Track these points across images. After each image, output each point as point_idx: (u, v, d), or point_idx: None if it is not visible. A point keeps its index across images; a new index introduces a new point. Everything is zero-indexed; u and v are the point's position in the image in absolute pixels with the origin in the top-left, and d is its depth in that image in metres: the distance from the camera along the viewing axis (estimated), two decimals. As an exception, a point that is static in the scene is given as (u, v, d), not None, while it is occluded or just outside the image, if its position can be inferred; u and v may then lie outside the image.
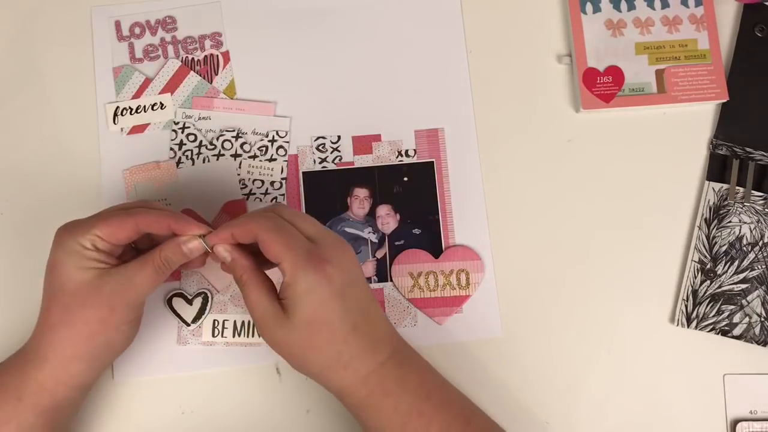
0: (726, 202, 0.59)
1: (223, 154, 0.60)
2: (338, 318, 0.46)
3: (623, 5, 0.62)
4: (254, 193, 0.60)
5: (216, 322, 0.58)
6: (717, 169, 0.60)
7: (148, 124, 0.61)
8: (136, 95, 0.61)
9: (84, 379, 0.49)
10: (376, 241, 0.59)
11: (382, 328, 0.49)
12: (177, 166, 0.60)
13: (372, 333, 0.48)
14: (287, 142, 0.61)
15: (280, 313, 0.46)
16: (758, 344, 0.57)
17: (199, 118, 0.61)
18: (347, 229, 0.60)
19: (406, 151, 0.61)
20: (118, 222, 0.48)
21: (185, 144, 0.60)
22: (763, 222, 0.59)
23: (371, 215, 0.60)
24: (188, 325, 0.57)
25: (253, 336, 0.57)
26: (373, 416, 0.48)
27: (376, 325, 0.48)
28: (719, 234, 0.58)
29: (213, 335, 0.58)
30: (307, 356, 0.47)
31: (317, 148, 0.61)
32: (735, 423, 0.56)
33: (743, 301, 0.58)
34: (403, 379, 0.48)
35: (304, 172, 0.60)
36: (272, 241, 0.46)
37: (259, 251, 0.48)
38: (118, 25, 0.62)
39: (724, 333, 0.57)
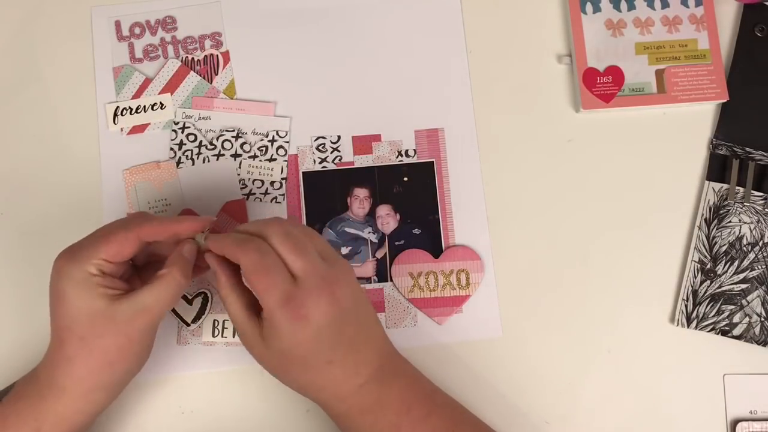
0: (726, 202, 0.59)
1: (223, 154, 0.60)
2: (312, 356, 0.46)
3: (623, 5, 0.62)
4: (254, 193, 0.60)
5: (216, 322, 0.58)
6: (717, 169, 0.60)
7: (148, 124, 0.61)
8: (136, 95, 0.61)
9: (101, 406, 0.49)
10: (376, 241, 0.59)
11: (368, 349, 0.48)
12: (177, 166, 0.60)
13: (353, 360, 0.47)
14: (287, 142, 0.61)
15: (257, 332, 0.47)
16: (758, 344, 0.57)
17: (199, 118, 0.61)
18: (347, 229, 0.60)
19: (406, 151, 0.61)
20: (122, 239, 0.47)
21: (185, 144, 0.60)
22: (763, 222, 0.59)
23: (371, 215, 0.60)
24: (188, 325, 0.57)
25: (253, 336, 0.57)
26: (351, 427, 0.49)
27: (359, 350, 0.48)
28: (719, 234, 0.58)
29: (213, 335, 0.58)
30: (281, 377, 0.49)
31: (317, 148, 0.61)
32: (735, 423, 0.56)
33: (743, 301, 0.58)
34: (382, 399, 0.48)
35: (304, 172, 0.60)
36: (253, 281, 0.46)
37: None
38: (118, 25, 0.62)
39: (724, 333, 0.57)
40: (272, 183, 0.60)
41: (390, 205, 0.60)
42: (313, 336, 0.45)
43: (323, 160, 0.60)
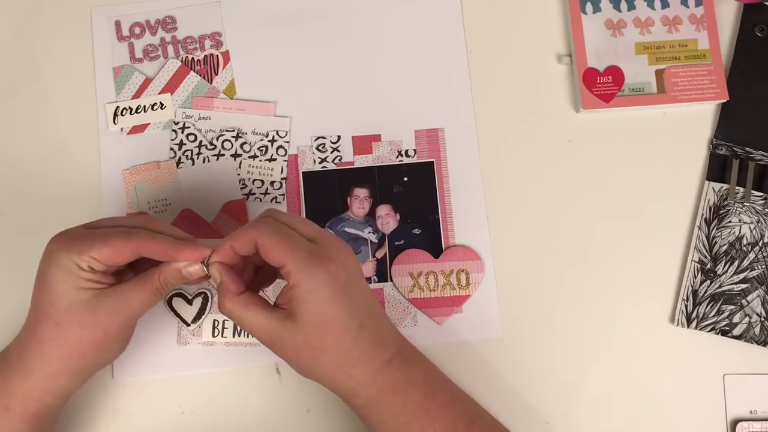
0: (726, 202, 0.59)
1: (223, 154, 0.60)
2: (346, 314, 0.46)
3: (623, 5, 0.62)
4: (254, 193, 0.60)
5: (216, 322, 0.58)
6: (717, 169, 0.60)
7: (148, 124, 0.61)
8: (136, 95, 0.61)
9: (71, 388, 0.49)
10: (376, 241, 0.59)
11: (386, 326, 0.49)
12: (177, 166, 0.60)
13: (378, 330, 0.48)
14: (287, 142, 0.61)
15: (284, 320, 0.46)
16: (758, 344, 0.57)
17: (199, 118, 0.61)
18: (347, 229, 0.60)
19: (406, 151, 0.61)
20: (119, 246, 0.46)
21: (185, 144, 0.60)
22: (763, 222, 0.59)
23: (371, 215, 0.60)
24: (188, 325, 0.57)
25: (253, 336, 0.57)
26: (380, 415, 0.48)
27: (380, 323, 0.48)
28: (719, 234, 0.58)
29: (213, 335, 0.58)
30: (316, 358, 0.47)
31: (317, 148, 0.61)
32: (735, 423, 0.56)
33: (743, 301, 0.58)
34: (410, 377, 0.48)
35: (304, 172, 0.60)
36: (273, 245, 0.45)
37: (257, 268, 0.49)
38: (118, 25, 0.62)
39: (724, 333, 0.57)
40: (272, 183, 0.60)
41: (390, 205, 0.60)
42: (343, 290, 0.45)
43: (323, 160, 0.60)
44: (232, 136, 0.60)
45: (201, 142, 0.60)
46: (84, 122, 0.61)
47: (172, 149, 0.60)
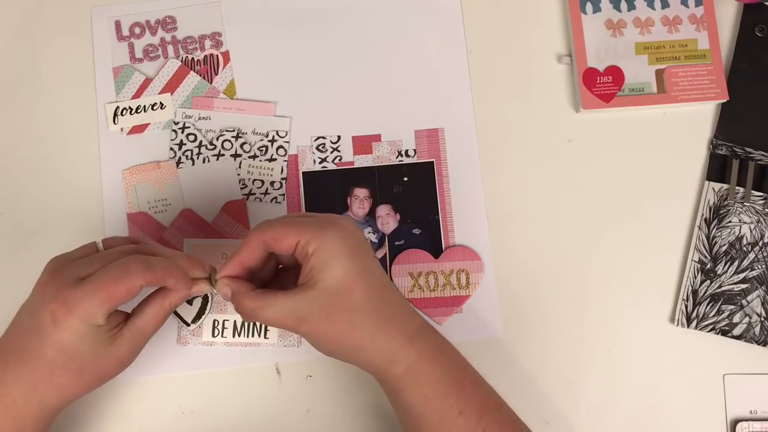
0: (726, 202, 0.59)
1: (223, 154, 0.60)
2: (368, 271, 0.46)
3: (623, 5, 0.62)
4: (254, 193, 0.60)
5: (216, 322, 0.58)
6: (717, 169, 0.60)
7: (148, 124, 0.61)
8: (136, 95, 0.61)
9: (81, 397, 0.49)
10: (376, 241, 0.59)
11: (404, 300, 0.49)
12: (177, 166, 0.60)
13: (400, 296, 0.48)
14: (287, 142, 0.61)
15: (307, 291, 0.45)
16: (758, 344, 0.57)
17: (199, 118, 0.61)
18: (347, 229, 0.60)
19: (406, 151, 0.61)
20: (131, 285, 0.44)
21: (185, 144, 0.60)
22: (763, 222, 0.59)
23: (371, 215, 0.60)
24: (188, 325, 0.57)
25: (253, 336, 0.57)
26: (419, 385, 0.46)
27: (397, 291, 0.49)
28: (719, 234, 0.58)
29: (213, 335, 0.58)
30: (350, 320, 0.45)
31: (317, 148, 0.61)
32: (735, 423, 0.56)
33: (743, 301, 0.58)
34: (443, 348, 0.48)
35: (304, 172, 0.60)
36: (283, 232, 0.46)
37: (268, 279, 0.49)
38: (118, 25, 0.62)
39: (724, 333, 0.57)
40: (272, 183, 0.60)
41: (390, 205, 0.60)
42: (360, 247, 0.46)
43: (323, 160, 0.60)
44: (232, 136, 0.60)
45: (201, 142, 0.60)
46: (84, 122, 0.61)
47: (172, 149, 0.60)
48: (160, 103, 0.61)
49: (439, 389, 0.46)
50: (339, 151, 0.61)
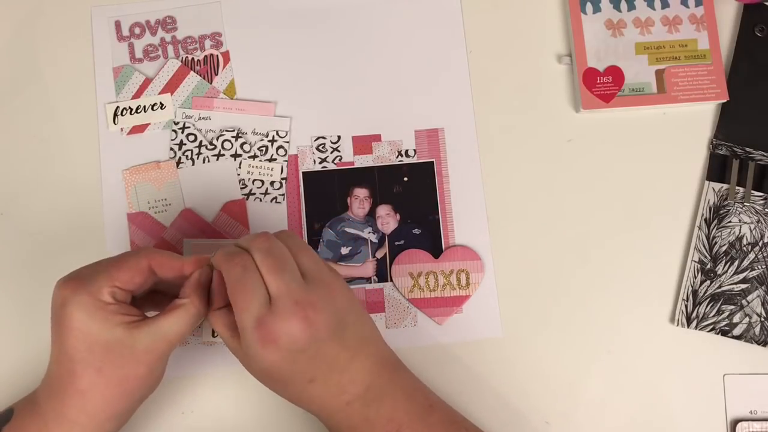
0: (726, 202, 0.59)
1: (223, 154, 0.60)
2: (290, 376, 0.46)
3: (623, 5, 0.62)
4: (254, 193, 0.60)
5: (216, 322, 0.58)
6: (717, 169, 0.60)
7: (148, 124, 0.61)
8: (136, 95, 0.61)
9: (114, 431, 0.48)
10: (376, 241, 0.59)
11: (354, 368, 0.47)
12: (177, 166, 0.60)
13: (337, 378, 0.46)
14: (287, 142, 0.61)
15: (239, 350, 0.46)
16: (758, 344, 0.57)
17: (199, 118, 0.61)
18: (347, 229, 0.60)
19: (406, 151, 0.61)
20: (135, 265, 0.46)
21: (185, 144, 0.60)
22: (763, 222, 0.59)
23: (371, 215, 0.60)
24: (188, 325, 0.57)
25: (253, 336, 0.57)
26: None
27: (344, 370, 0.46)
28: (719, 234, 0.58)
29: (213, 335, 0.58)
30: (271, 389, 0.48)
31: (317, 148, 0.61)
32: (735, 423, 0.56)
33: (743, 301, 0.58)
34: (370, 418, 0.47)
35: (304, 172, 0.60)
36: (231, 299, 0.45)
37: None
38: (118, 25, 0.62)
39: (724, 333, 0.57)
40: (272, 183, 0.60)
41: (390, 205, 0.60)
42: (285, 358, 0.44)
43: (323, 160, 0.60)
44: (232, 136, 0.60)
45: (201, 142, 0.60)
46: (84, 122, 0.61)
47: (172, 149, 0.60)
48: (160, 103, 0.61)
49: None
50: (339, 151, 0.61)
